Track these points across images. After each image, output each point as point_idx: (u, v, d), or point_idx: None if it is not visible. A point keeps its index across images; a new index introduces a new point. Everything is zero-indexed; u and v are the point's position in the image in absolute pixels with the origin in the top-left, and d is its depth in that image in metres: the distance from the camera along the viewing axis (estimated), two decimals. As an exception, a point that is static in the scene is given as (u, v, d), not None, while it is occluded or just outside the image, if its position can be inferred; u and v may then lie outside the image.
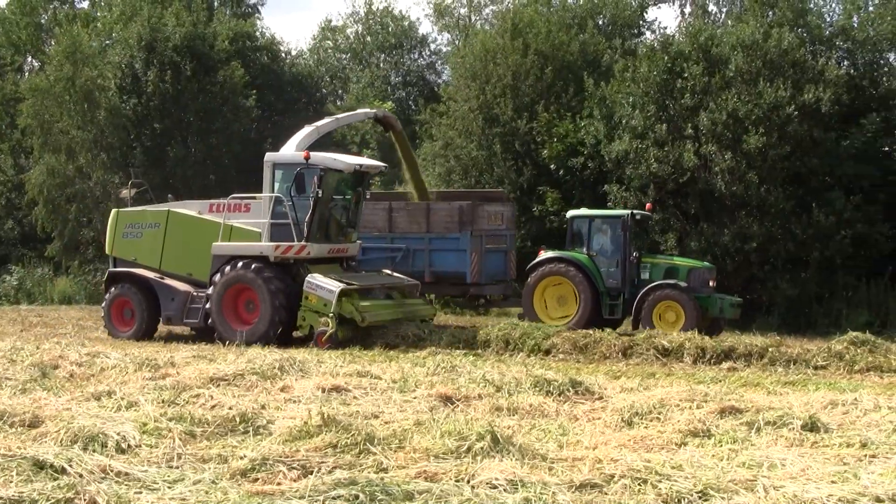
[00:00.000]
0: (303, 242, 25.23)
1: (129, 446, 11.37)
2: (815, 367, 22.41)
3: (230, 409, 13.57)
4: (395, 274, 28.60)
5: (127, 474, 10.13)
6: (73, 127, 46.06)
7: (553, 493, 9.48)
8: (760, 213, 33.85)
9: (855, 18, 39.05)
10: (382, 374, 17.20)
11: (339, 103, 62.58)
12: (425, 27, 65.93)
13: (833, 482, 10.41)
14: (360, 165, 28.05)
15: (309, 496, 9.53)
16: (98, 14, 61.30)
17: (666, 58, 36.84)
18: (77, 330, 29.62)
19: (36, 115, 46.50)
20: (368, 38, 67.82)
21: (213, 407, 13.91)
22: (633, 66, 37.75)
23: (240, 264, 25.01)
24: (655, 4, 59.71)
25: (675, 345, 23.60)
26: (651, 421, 13.87)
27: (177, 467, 10.74)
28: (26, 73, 60.29)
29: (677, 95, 35.93)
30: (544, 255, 29.21)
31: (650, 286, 27.93)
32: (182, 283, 26.22)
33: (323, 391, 15.23)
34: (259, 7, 62.39)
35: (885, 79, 37.09)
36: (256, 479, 10.32)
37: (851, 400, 15.59)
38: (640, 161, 35.74)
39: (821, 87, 34.35)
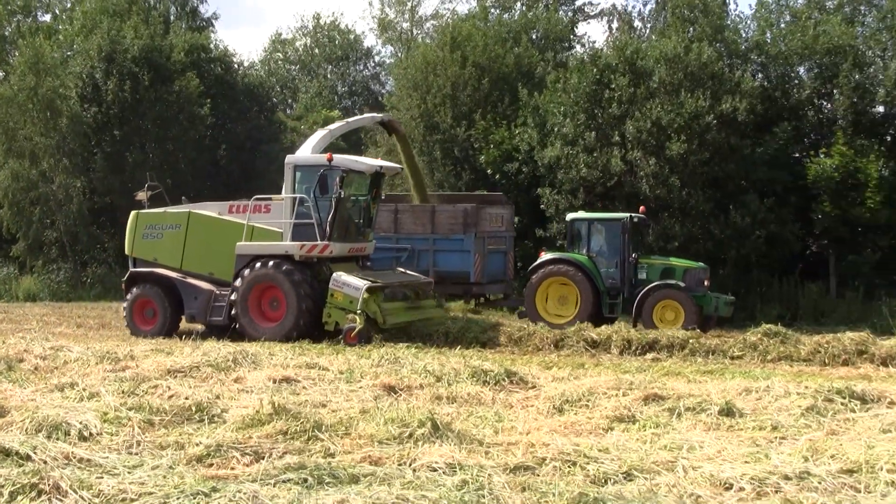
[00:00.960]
0: (325, 242, 24.70)
1: (90, 434, 11.32)
2: (732, 357, 22.68)
3: (186, 399, 13.53)
4: (410, 272, 28.22)
5: (89, 460, 10.11)
6: (36, 133, 45.67)
7: (489, 475, 9.54)
8: (682, 215, 34.09)
9: (768, 34, 39.36)
10: (330, 366, 17.13)
11: (288, 112, 62.66)
12: (370, 40, 65.93)
13: (746, 462, 10.55)
14: (381, 167, 27.57)
15: (261, 480, 9.54)
16: (60, 27, 60.86)
17: (595, 70, 37.04)
18: (41, 325, 29.24)
19: (0, 123, 46.03)
20: (316, 51, 67.90)
21: (170, 397, 13.86)
22: (564, 78, 37.98)
23: (267, 263, 24.45)
24: (585, 20, 60.25)
25: (604, 337, 23.77)
26: (580, 408, 13.95)
27: (136, 454, 10.73)
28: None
29: (605, 105, 36.14)
30: (546, 256, 29.11)
31: (650, 286, 27.89)
32: (204, 282, 25.58)
33: (274, 382, 15.19)
34: (213, 21, 62.06)
35: (795, 90, 37.40)
36: (211, 465, 10.36)
37: (764, 387, 15.72)
38: (570, 166, 35.94)
39: (737, 97, 34.65)
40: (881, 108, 37.52)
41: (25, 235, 46.91)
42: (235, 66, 57.05)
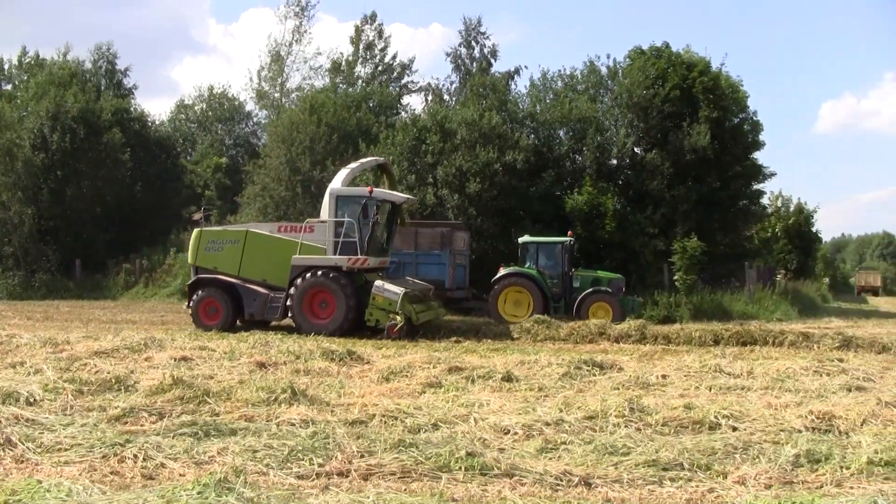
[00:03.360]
0: (365, 256, 23.73)
1: (35, 400, 11.06)
2: (512, 339, 23.05)
3: (108, 373, 13.21)
4: (417, 280, 27.31)
5: (34, 420, 9.88)
6: (-1, 174, 44.44)
7: (333, 427, 9.56)
8: (478, 236, 34.44)
9: (538, 107, 40.03)
10: (216, 348, 16.83)
11: (188, 158, 61.76)
12: (250, 106, 64.84)
13: (519, 414, 10.78)
14: (407, 199, 26.85)
15: (163, 433, 9.47)
16: (18, 94, 59.07)
17: (414, 130, 37.35)
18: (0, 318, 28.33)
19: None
20: (210, 113, 66.82)
21: (96, 372, 13.52)
22: (393, 135, 38.14)
23: (318, 273, 23.46)
24: (408, 94, 60.54)
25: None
26: (402, 377, 14.00)
27: (69, 415, 10.50)
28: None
29: (422, 155, 36.41)
30: (504, 270, 28.73)
31: (586, 292, 27.81)
32: (260, 287, 24.41)
33: (175, 360, 14.88)
34: (133, 90, 60.73)
35: (556, 147, 38.12)
36: (126, 422, 10.20)
37: (534, 360, 16.10)
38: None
39: (516, 151, 35.25)
40: (615, 161, 38.59)
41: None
42: (149, 123, 56.00)
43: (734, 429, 10.16)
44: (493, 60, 53.24)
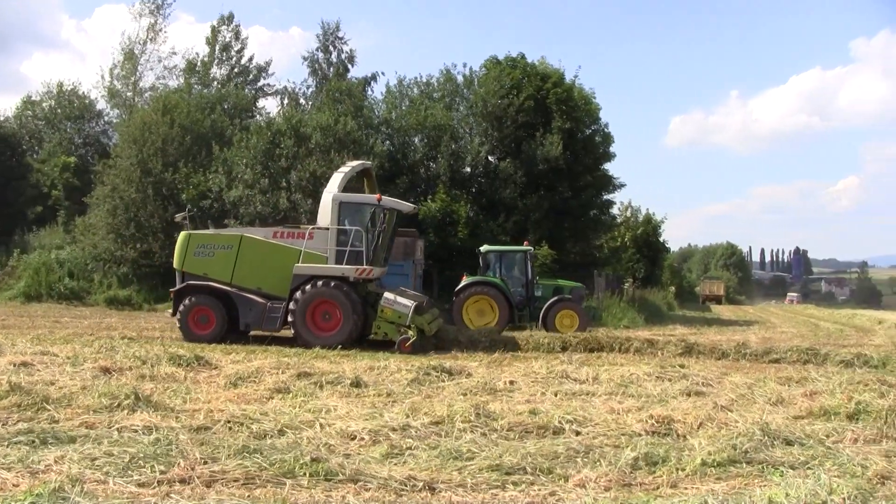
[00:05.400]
0: (370, 266, 22.56)
1: None
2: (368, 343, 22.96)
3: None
4: (413, 291, 26.04)
5: None
6: None
7: (177, 434, 9.39)
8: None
9: (394, 114, 40.27)
10: (60, 353, 16.30)
11: (34, 156, 59.68)
12: (101, 104, 62.98)
13: (366, 419, 10.76)
14: (414, 208, 25.77)
15: (-2, 441, 9.11)
16: None
17: (269, 133, 37.01)
18: None
19: None
20: (59, 110, 64.64)
21: (-70, 377, 12.95)
22: (247, 138, 37.68)
23: (326, 283, 22.15)
24: (264, 97, 59.85)
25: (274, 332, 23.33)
26: (250, 383, 13.81)
27: None
28: None
29: (276, 159, 36.11)
30: (467, 280, 28.15)
31: (552, 301, 27.52)
32: (257, 295, 22.92)
33: (14, 365, 14.32)
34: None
35: (411, 154, 38.40)
36: (-42, 431, 9.77)
37: (383, 365, 16.17)
38: (249, 203, 35.72)
39: (371, 157, 35.23)
40: (468, 169, 39.10)
41: None
42: (-8, 120, 53.91)
43: (577, 433, 10.39)
44: (350, 66, 53.07)
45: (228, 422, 10.44)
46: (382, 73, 65.92)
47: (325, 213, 23.07)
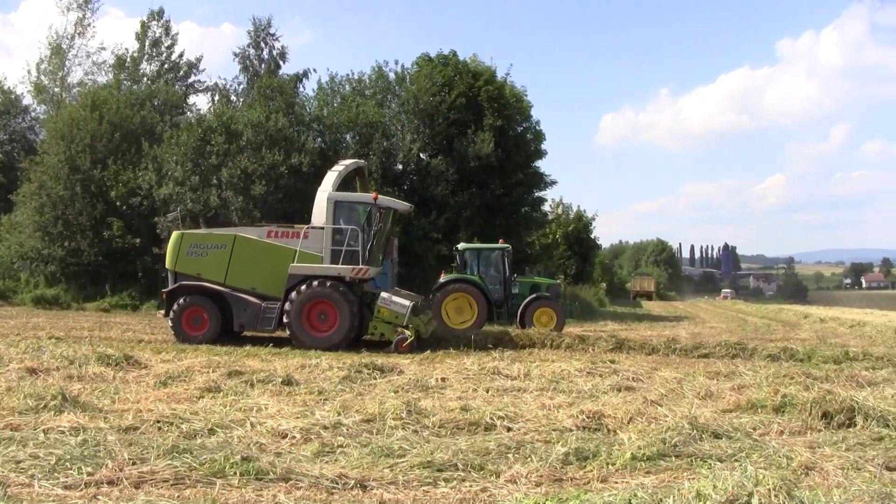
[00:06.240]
0: (367, 266, 22.15)
1: None
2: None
3: None
4: (407, 291, 25.69)
5: None
6: None
7: (105, 434, 9.25)
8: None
9: (325, 111, 40.09)
10: (-17, 355, 15.98)
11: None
12: (27, 100, 61.69)
13: (297, 418, 10.69)
14: (410, 207, 25.22)
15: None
16: None
17: (200, 130, 36.65)
18: None
19: None
20: (-19, 105, 63.30)
21: None
22: (177, 135, 37.27)
23: (322, 283, 21.74)
24: (195, 93, 59.22)
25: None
26: (180, 382, 13.67)
27: None
28: None
29: (207, 156, 35.77)
30: (446, 277, 27.89)
31: (529, 298, 27.38)
32: (252, 296, 22.45)
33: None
34: None
35: (343, 151, 38.23)
36: None
37: (315, 363, 16.08)
38: (180, 201, 35.34)
39: (303, 154, 35.12)
40: (400, 166, 39.12)
41: None
42: None
43: (509, 429, 10.45)
44: (282, 62, 52.58)
45: (158, 422, 10.31)
46: (314, 70, 65.46)
47: (320, 213, 22.76)
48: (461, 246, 29.43)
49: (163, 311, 23.83)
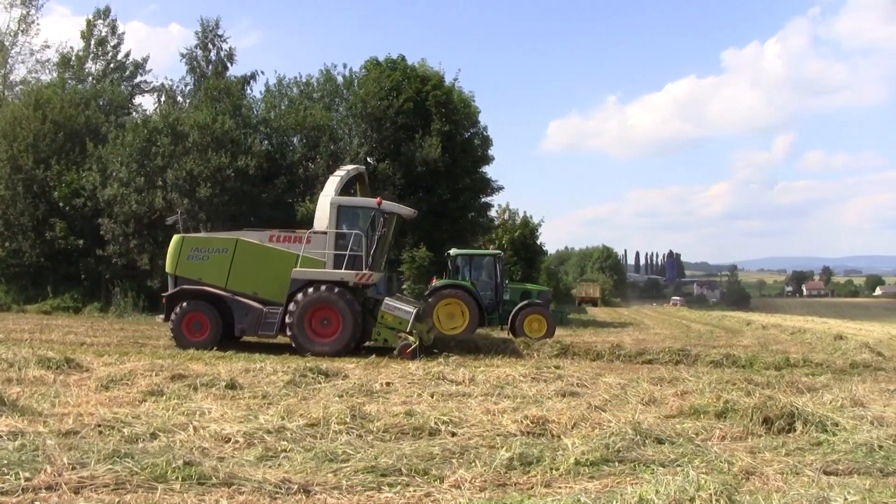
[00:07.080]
0: (370, 271, 21.81)
1: None
2: (238, 341, 22.70)
3: None
4: (408, 297, 25.58)
5: None
6: None
7: (44, 439, 9.08)
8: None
9: (273, 113, 39.93)
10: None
11: None
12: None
13: (241, 422, 10.57)
14: (414, 213, 24.64)
15: None
16: None
17: (145, 131, 36.43)
18: None
19: None
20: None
21: None
22: (122, 136, 36.96)
23: (322, 288, 21.39)
24: (141, 94, 58.60)
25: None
26: (122, 385, 13.49)
27: None
28: None
29: (152, 157, 35.52)
30: (438, 283, 27.71)
31: (520, 305, 27.33)
32: (253, 300, 22.02)
33: None
34: None
35: (290, 154, 38.17)
36: None
37: (259, 367, 16.00)
38: (124, 202, 35.05)
39: (249, 157, 34.94)
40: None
41: None
42: None
43: (453, 434, 10.44)
44: (229, 64, 52.21)
45: (99, 426, 10.14)
46: (262, 73, 65.19)
47: (323, 217, 22.50)
48: (453, 251, 29.47)
49: (161, 316, 23.59)
